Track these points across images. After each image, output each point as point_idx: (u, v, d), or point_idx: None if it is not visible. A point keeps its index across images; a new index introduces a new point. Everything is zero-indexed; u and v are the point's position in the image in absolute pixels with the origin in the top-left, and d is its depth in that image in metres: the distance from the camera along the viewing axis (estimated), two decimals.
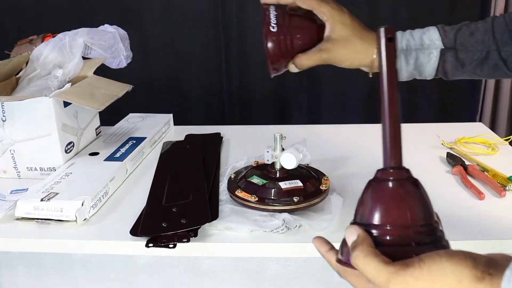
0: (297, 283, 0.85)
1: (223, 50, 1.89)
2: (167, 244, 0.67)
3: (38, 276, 0.89)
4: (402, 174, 0.42)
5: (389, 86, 0.45)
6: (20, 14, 1.87)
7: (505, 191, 0.81)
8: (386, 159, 0.43)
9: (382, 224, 0.40)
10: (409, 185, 0.41)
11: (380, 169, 0.43)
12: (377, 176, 0.43)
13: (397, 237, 0.39)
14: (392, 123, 0.44)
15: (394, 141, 0.44)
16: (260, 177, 0.79)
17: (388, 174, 0.42)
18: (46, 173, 0.91)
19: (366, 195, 0.42)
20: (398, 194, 0.41)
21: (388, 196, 0.41)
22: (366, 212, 0.41)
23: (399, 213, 0.40)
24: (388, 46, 0.43)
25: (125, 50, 1.06)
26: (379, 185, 0.42)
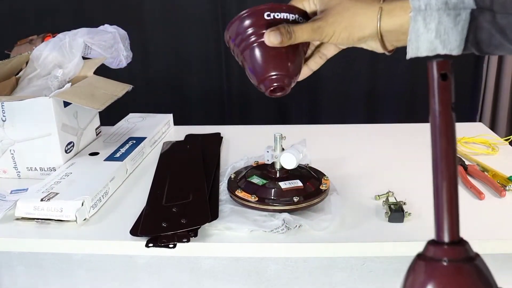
0: (297, 283, 0.85)
1: (223, 50, 1.89)
2: (167, 244, 0.67)
3: (38, 276, 0.89)
4: (459, 253, 0.34)
5: (443, 138, 0.36)
6: (20, 14, 1.87)
7: (505, 191, 0.81)
8: (439, 231, 0.35)
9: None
10: (468, 268, 0.34)
11: (431, 242, 0.35)
12: (428, 253, 0.35)
13: None
14: (448, 186, 0.36)
15: (450, 208, 0.35)
16: (260, 177, 0.79)
17: (443, 252, 0.34)
18: (46, 173, 0.91)
19: (413, 277, 0.35)
20: (454, 282, 0.33)
21: (440, 283, 0.33)
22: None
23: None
24: (441, 86, 0.34)
25: (125, 50, 1.06)
26: (430, 266, 0.34)
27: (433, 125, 0.36)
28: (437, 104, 0.35)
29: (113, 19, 1.14)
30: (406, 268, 0.40)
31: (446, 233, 0.34)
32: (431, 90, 0.35)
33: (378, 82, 1.88)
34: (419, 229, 0.72)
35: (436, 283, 0.33)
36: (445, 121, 0.36)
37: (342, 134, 1.14)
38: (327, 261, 0.83)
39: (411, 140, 1.09)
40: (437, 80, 0.35)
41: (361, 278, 0.83)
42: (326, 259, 0.83)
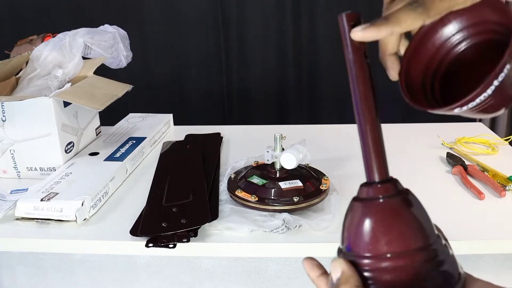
0: (297, 283, 0.85)
1: (223, 50, 1.89)
2: (167, 244, 0.67)
3: (38, 276, 0.89)
4: (390, 189, 0.35)
5: (360, 84, 0.37)
6: (20, 14, 1.87)
7: (505, 191, 0.81)
8: (370, 173, 0.36)
9: (373, 255, 0.34)
10: (400, 202, 0.35)
11: (364, 184, 0.37)
12: (361, 195, 0.36)
13: (392, 269, 0.33)
14: (371, 129, 0.37)
15: (376, 149, 0.36)
16: (260, 177, 0.79)
17: (375, 191, 0.35)
18: (46, 173, 0.91)
19: (350, 219, 0.36)
20: (389, 216, 0.34)
21: (377, 220, 0.34)
22: (352, 240, 0.35)
23: (392, 239, 0.34)
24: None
25: (125, 50, 1.06)
26: (365, 206, 0.35)
27: (351, 73, 0.37)
28: (351, 54, 0.36)
29: (113, 19, 1.14)
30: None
31: (376, 174, 0.36)
32: (344, 42, 0.36)
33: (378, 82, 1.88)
34: None
35: (374, 219, 0.34)
36: (361, 67, 0.37)
37: (342, 134, 1.14)
38: (327, 261, 0.83)
39: (411, 140, 1.09)
40: (348, 31, 0.36)
41: None
42: (326, 259, 0.83)
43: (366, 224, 0.35)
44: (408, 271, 0.33)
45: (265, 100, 1.95)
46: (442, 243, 0.35)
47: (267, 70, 1.92)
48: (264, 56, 1.90)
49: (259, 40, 1.88)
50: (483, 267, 0.81)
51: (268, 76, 1.93)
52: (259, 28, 1.86)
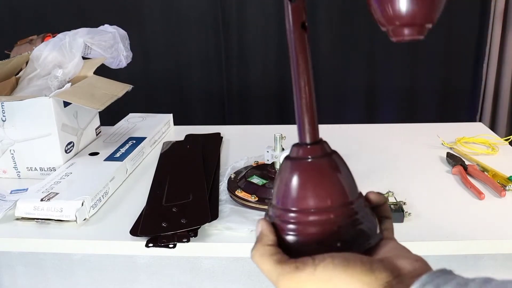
0: None
1: (223, 50, 1.89)
2: (167, 244, 0.67)
3: (38, 276, 0.89)
4: (318, 151, 0.39)
5: (298, 54, 0.39)
6: (19, 14, 1.87)
7: (505, 191, 0.81)
8: (302, 135, 0.39)
9: (299, 209, 0.37)
10: (326, 162, 0.38)
11: (295, 145, 0.40)
12: (292, 154, 0.39)
13: (315, 223, 0.36)
14: (305, 95, 0.39)
15: (309, 113, 0.39)
16: (260, 177, 0.79)
17: (304, 151, 0.39)
18: (46, 173, 0.91)
19: (281, 176, 0.39)
20: (316, 175, 0.38)
21: (304, 177, 0.38)
22: (281, 195, 0.38)
23: (317, 196, 0.37)
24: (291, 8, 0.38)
25: (125, 50, 1.06)
26: (295, 164, 0.38)
27: (290, 42, 0.39)
28: (290, 24, 0.38)
29: (113, 19, 1.14)
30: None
31: (308, 136, 0.39)
32: (285, 13, 0.38)
33: (378, 82, 1.88)
34: (419, 229, 0.72)
35: (302, 177, 0.38)
36: (298, 37, 0.39)
37: (342, 134, 1.14)
38: None
39: (411, 140, 1.09)
40: (287, 2, 0.38)
41: None
42: None
43: (294, 181, 0.38)
44: (329, 225, 0.36)
45: (265, 100, 1.96)
46: (363, 204, 0.38)
47: (267, 70, 1.92)
48: (264, 56, 1.90)
49: (259, 40, 1.88)
50: (483, 267, 0.81)
51: (268, 76, 1.93)
52: (259, 28, 1.86)
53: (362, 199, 0.39)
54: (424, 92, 1.90)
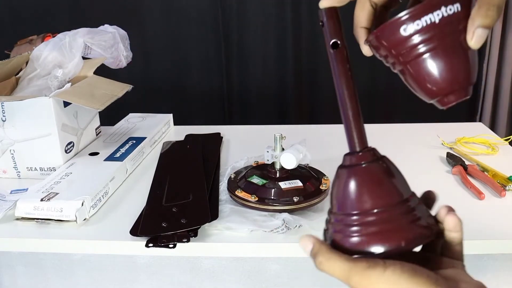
0: (297, 283, 0.85)
1: (223, 50, 1.89)
2: (167, 244, 0.67)
3: (38, 276, 0.89)
4: (370, 156, 0.41)
5: (338, 62, 0.43)
6: (19, 14, 1.87)
7: (505, 191, 0.81)
8: (352, 144, 0.42)
9: (360, 212, 0.39)
10: (379, 166, 0.41)
11: (347, 154, 0.42)
12: (346, 163, 0.42)
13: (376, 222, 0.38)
14: (352, 106, 0.42)
15: (356, 123, 0.42)
16: (260, 177, 0.79)
17: (357, 158, 0.41)
18: (46, 173, 0.91)
19: (338, 184, 0.41)
20: (371, 178, 0.40)
21: (361, 182, 0.40)
22: (340, 202, 0.41)
23: (375, 197, 0.39)
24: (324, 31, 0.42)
25: (125, 50, 1.06)
26: (350, 171, 0.41)
27: (330, 60, 0.43)
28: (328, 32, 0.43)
29: (113, 19, 1.14)
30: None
31: (357, 144, 0.42)
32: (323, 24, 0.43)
33: (378, 82, 1.88)
34: None
35: (359, 181, 0.40)
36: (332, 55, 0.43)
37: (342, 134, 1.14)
38: None
39: (411, 140, 1.09)
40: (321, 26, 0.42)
41: None
42: None
43: (351, 186, 0.40)
44: (390, 223, 0.38)
45: (265, 100, 1.96)
46: (417, 201, 0.41)
47: (267, 70, 1.92)
48: (264, 56, 1.90)
49: (259, 40, 1.88)
50: (483, 267, 0.81)
51: (268, 76, 1.93)
52: (259, 28, 1.86)
53: (416, 197, 0.41)
54: None
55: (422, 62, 0.40)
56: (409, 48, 0.40)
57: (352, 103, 0.42)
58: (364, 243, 0.38)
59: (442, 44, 0.39)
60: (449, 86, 0.41)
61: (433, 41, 0.39)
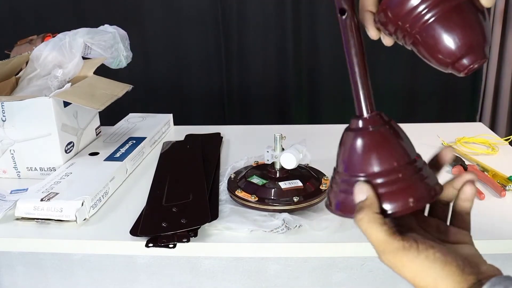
0: (297, 283, 0.85)
1: (223, 50, 1.89)
2: (167, 244, 0.67)
3: (38, 276, 0.89)
4: (379, 120, 0.43)
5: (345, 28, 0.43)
6: (20, 14, 1.87)
7: (505, 191, 0.81)
8: (360, 108, 0.43)
9: (368, 173, 0.40)
10: (386, 130, 0.42)
11: (354, 117, 0.43)
12: (353, 126, 0.43)
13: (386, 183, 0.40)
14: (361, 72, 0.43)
15: (365, 87, 0.44)
16: (260, 177, 0.79)
17: (365, 122, 0.42)
18: (46, 173, 0.91)
19: (345, 145, 0.43)
20: (378, 141, 0.41)
21: (369, 145, 0.41)
22: (348, 163, 0.42)
23: (383, 159, 0.40)
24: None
25: (125, 50, 1.06)
26: (357, 134, 0.42)
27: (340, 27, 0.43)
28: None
29: (113, 19, 1.14)
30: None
31: (365, 108, 0.43)
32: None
33: (378, 82, 1.88)
34: None
35: (366, 144, 0.41)
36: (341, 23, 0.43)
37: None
38: (327, 261, 0.83)
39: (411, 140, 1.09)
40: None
41: (361, 278, 0.83)
42: (326, 259, 0.83)
43: (359, 149, 0.41)
44: (399, 183, 0.40)
45: (265, 100, 1.95)
46: (422, 162, 0.43)
47: (267, 70, 1.92)
48: (264, 56, 1.90)
49: (259, 40, 1.88)
50: None
51: (268, 76, 1.93)
52: (259, 28, 1.86)
53: (421, 159, 0.43)
54: (424, 92, 1.90)
55: (433, 27, 0.39)
56: (417, 15, 0.39)
57: (360, 67, 0.43)
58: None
59: (451, 5, 0.39)
60: (463, 47, 0.40)
61: (441, 4, 0.38)
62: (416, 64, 1.88)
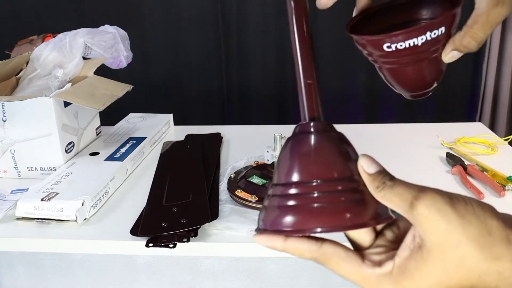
0: (297, 283, 0.85)
1: (223, 50, 1.89)
2: (167, 244, 0.67)
3: (38, 276, 0.89)
4: (322, 126, 0.38)
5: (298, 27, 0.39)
6: (20, 14, 1.87)
7: (504, 191, 0.81)
8: (303, 112, 0.39)
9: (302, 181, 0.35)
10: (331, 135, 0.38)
11: (299, 124, 0.39)
12: (296, 130, 0.38)
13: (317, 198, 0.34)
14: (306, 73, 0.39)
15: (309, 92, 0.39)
16: (260, 177, 0.79)
17: (307, 126, 0.38)
18: (46, 173, 0.91)
19: (281, 155, 0.38)
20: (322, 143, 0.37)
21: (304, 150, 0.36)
22: (281, 172, 0.37)
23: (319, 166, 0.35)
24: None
25: (125, 50, 1.07)
26: (300, 137, 0.38)
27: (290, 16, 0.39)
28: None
29: (113, 19, 1.14)
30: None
31: (307, 113, 0.39)
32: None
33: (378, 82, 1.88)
34: None
35: (304, 148, 0.37)
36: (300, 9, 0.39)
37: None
38: None
39: (411, 140, 1.09)
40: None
41: None
42: None
43: (294, 154, 0.37)
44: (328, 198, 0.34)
45: (265, 100, 1.96)
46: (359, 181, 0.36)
47: (267, 70, 1.92)
48: (264, 56, 1.90)
49: (259, 40, 1.88)
50: None
51: (268, 76, 1.93)
52: (259, 28, 1.86)
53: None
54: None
55: (398, 70, 0.45)
56: (388, 58, 0.43)
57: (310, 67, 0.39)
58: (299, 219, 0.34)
59: (418, 58, 0.42)
60: (418, 89, 0.47)
61: (411, 57, 0.42)
62: None
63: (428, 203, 0.31)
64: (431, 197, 0.31)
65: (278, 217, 0.36)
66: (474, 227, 0.31)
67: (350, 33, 0.44)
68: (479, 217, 0.31)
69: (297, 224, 0.35)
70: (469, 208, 0.31)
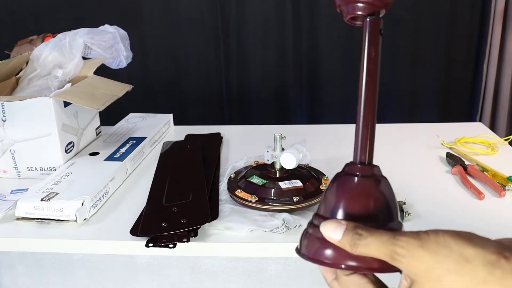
0: (297, 283, 0.85)
1: (222, 50, 1.89)
2: (167, 244, 0.67)
3: (38, 276, 0.89)
4: (370, 171, 0.42)
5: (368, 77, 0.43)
6: (19, 14, 1.87)
7: (504, 191, 0.81)
8: (356, 155, 0.43)
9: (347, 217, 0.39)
10: (376, 181, 0.41)
11: (349, 163, 0.43)
12: (344, 170, 0.42)
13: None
14: (367, 119, 0.44)
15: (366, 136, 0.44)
16: (260, 177, 0.79)
17: (356, 169, 0.41)
18: (46, 173, 0.91)
19: (329, 188, 0.42)
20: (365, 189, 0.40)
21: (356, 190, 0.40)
22: (328, 205, 0.40)
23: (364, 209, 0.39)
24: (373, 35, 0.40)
25: (125, 50, 1.06)
26: (346, 178, 0.41)
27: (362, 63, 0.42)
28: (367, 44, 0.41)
29: (113, 19, 1.14)
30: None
31: (359, 157, 0.42)
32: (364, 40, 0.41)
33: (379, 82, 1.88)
34: (419, 228, 0.71)
35: (349, 190, 0.40)
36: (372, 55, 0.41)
37: (342, 134, 1.14)
38: None
39: (411, 140, 1.09)
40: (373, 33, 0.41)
41: None
42: None
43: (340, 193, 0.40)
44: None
45: (265, 100, 1.96)
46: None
47: (267, 70, 1.92)
48: (264, 56, 1.90)
49: (259, 40, 1.88)
50: None
51: (268, 76, 1.93)
52: (259, 28, 1.86)
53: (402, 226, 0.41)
54: (424, 92, 1.90)
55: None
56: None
57: (373, 114, 0.44)
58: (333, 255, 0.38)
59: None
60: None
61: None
62: (416, 64, 1.88)
63: (402, 252, 0.34)
64: (403, 246, 0.34)
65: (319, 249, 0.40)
66: (450, 259, 0.33)
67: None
68: (451, 249, 0.33)
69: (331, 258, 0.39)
70: (441, 242, 0.34)
